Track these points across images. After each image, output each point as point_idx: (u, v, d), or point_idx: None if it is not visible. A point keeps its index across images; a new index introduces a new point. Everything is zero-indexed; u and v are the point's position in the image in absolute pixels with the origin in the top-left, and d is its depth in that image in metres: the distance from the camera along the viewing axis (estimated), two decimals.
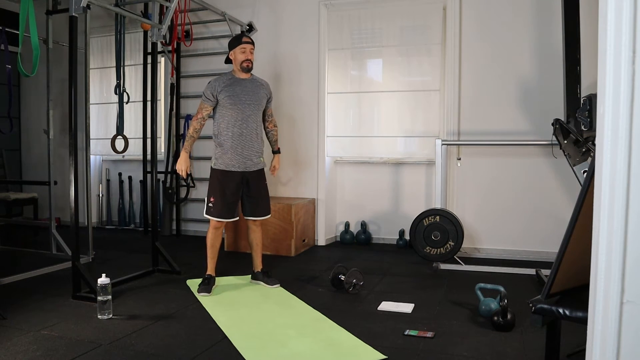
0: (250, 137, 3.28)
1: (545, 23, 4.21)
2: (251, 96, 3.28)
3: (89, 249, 4.10)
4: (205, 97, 3.27)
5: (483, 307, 2.76)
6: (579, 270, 1.63)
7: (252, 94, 3.29)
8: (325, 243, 4.93)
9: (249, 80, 3.32)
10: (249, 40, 3.29)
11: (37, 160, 5.64)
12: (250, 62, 3.27)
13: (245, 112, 3.25)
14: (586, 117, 3.46)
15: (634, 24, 1.04)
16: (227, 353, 2.32)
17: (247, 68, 3.27)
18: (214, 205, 3.26)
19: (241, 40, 3.26)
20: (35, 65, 3.36)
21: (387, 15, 4.75)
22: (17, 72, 3.65)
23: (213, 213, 3.28)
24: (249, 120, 3.27)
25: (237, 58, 3.27)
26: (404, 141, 4.81)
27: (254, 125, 3.30)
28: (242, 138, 3.25)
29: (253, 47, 3.30)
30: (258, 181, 3.36)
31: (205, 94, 3.28)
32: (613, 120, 1.08)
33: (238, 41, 3.28)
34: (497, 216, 4.44)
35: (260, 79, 3.45)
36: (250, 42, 3.29)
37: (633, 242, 1.07)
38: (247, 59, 3.25)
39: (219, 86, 3.24)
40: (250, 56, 3.27)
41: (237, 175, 3.27)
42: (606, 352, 1.10)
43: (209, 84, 3.29)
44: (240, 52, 3.25)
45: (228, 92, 3.23)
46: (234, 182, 3.27)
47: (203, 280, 3.32)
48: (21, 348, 2.34)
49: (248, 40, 3.28)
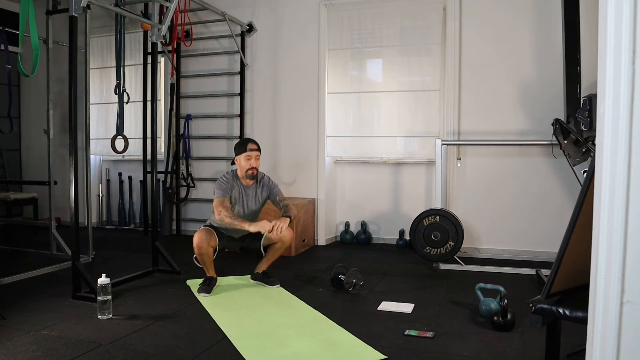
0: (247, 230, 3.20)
1: (545, 23, 4.22)
2: (254, 202, 3.36)
3: (89, 249, 4.10)
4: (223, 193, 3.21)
5: (483, 307, 2.76)
6: (579, 270, 1.63)
7: (254, 201, 3.35)
8: (325, 243, 4.93)
9: (252, 188, 3.35)
10: (255, 147, 3.25)
11: (37, 160, 5.64)
12: (255, 170, 3.25)
13: (247, 212, 3.33)
14: (586, 117, 3.46)
15: (634, 24, 1.04)
16: (227, 353, 2.32)
17: (252, 176, 3.26)
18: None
19: (246, 148, 3.22)
20: (35, 65, 3.36)
21: (387, 15, 4.75)
22: (17, 72, 3.65)
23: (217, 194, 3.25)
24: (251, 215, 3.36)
25: (241, 165, 3.25)
26: (404, 141, 4.81)
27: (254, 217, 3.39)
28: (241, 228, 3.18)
29: (259, 154, 3.28)
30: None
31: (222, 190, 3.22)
32: (613, 120, 1.08)
33: (243, 147, 3.23)
34: (497, 216, 4.44)
35: (261, 180, 3.38)
36: (256, 149, 3.26)
37: (633, 242, 1.07)
38: (252, 167, 3.23)
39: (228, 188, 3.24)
40: (255, 163, 3.24)
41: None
42: (606, 352, 1.10)
43: (220, 181, 3.25)
44: (245, 160, 3.23)
45: (234, 197, 3.28)
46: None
47: (204, 281, 3.32)
48: (21, 348, 2.34)
49: (253, 148, 3.24)
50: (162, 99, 5.42)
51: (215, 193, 3.25)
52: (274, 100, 5.07)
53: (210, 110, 5.29)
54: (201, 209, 5.37)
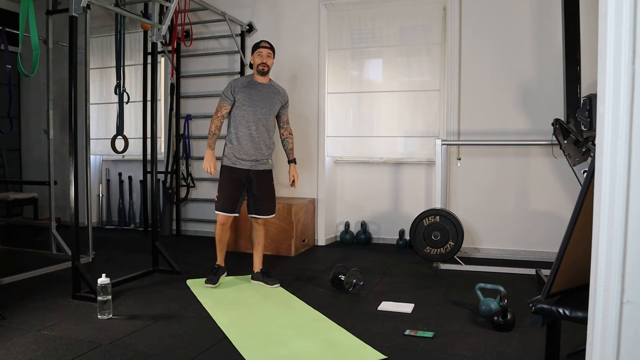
0: (259, 138, 3.38)
1: (545, 23, 4.22)
2: (265, 101, 3.38)
3: (89, 249, 4.10)
4: (224, 96, 3.38)
5: (483, 307, 2.76)
6: (579, 270, 1.63)
7: (266, 99, 3.39)
8: (325, 243, 4.93)
9: (266, 86, 3.43)
10: (267, 45, 3.40)
11: (37, 160, 5.64)
12: (265, 66, 3.36)
13: (257, 115, 3.36)
14: (586, 117, 3.46)
15: (634, 24, 1.04)
16: (227, 353, 2.32)
17: (263, 71, 3.37)
18: (218, 199, 3.39)
19: (259, 45, 3.39)
20: (35, 65, 3.36)
21: (387, 15, 4.75)
22: (17, 72, 3.65)
23: (217, 206, 3.40)
24: (260, 123, 3.37)
25: (255, 61, 3.39)
26: (404, 141, 4.81)
27: (264, 128, 3.39)
28: (251, 138, 3.36)
29: (270, 52, 3.40)
30: (264, 181, 3.44)
31: (224, 93, 3.38)
32: (613, 120, 1.07)
33: (256, 46, 3.41)
34: (497, 216, 4.44)
35: (278, 85, 3.55)
36: (268, 46, 3.40)
37: (633, 242, 1.07)
38: (262, 62, 3.35)
39: (237, 86, 3.36)
40: (267, 60, 3.37)
41: (243, 173, 3.38)
42: (606, 352, 1.10)
43: (228, 84, 3.42)
44: (257, 56, 3.37)
45: (244, 92, 3.34)
46: (238, 179, 3.37)
47: (211, 271, 3.43)
48: (21, 348, 2.34)
49: (265, 45, 3.39)
50: (162, 99, 5.42)
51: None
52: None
53: (210, 110, 5.24)
54: (201, 209, 5.37)
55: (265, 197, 3.44)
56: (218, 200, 3.39)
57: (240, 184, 3.38)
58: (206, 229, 5.33)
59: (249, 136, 3.34)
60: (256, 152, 3.37)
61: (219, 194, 3.39)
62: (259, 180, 3.41)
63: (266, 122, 3.40)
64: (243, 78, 3.47)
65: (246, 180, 3.39)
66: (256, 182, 3.40)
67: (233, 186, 3.37)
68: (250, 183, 3.40)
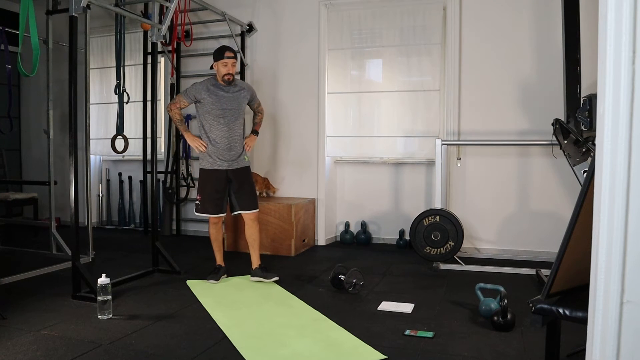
0: (232, 138, 3.46)
1: (545, 23, 4.22)
2: (233, 102, 3.46)
3: (89, 249, 4.10)
4: (187, 95, 3.48)
5: (483, 307, 2.76)
6: (579, 270, 1.63)
7: (233, 100, 3.47)
8: (325, 243, 4.93)
9: (230, 87, 3.49)
10: (231, 55, 3.42)
11: (37, 160, 5.64)
12: (231, 76, 3.42)
13: (226, 117, 3.44)
14: (586, 117, 3.46)
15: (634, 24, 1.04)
16: (227, 353, 2.32)
17: (228, 81, 3.43)
18: (201, 202, 3.49)
19: (223, 55, 3.40)
20: (35, 65, 3.36)
21: (387, 15, 4.75)
22: (17, 72, 3.65)
23: (200, 210, 3.50)
24: (231, 125, 3.46)
25: (219, 70, 3.42)
26: (404, 141, 4.81)
27: (235, 127, 3.49)
28: (225, 140, 3.44)
29: (235, 61, 3.44)
30: (243, 178, 3.52)
31: (187, 92, 3.48)
32: (613, 120, 1.08)
33: (220, 55, 3.41)
34: (497, 216, 4.44)
35: (240, 82, 3.62)
36: (233, 56, 3.42)
37: (633, 242, 1.07)
38: (228, 72, 3.41)
39: (203, 91, 3.42)
40: (232, 69, 3.43)
41: (222, 173, 3.47)
42: (606, 352, 1.10)
43: (193, 85, 3.49)
44: (222, 66, 3.40)
45: (211, 97, 3.41)
46: (218, 180, 3.46)
47: (212, 270, 3.53)
48: (21, 348, 2.34)
49: (230, 55, 3.41)
50: (162, 99, 5.42)
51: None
52: (274, 100, 5.07)
53: None
54: None
55: (247, 192, 3.52)
56: (200, 203, 3.47)
57: (221, 184, 3.47)
58: (206, 229, 5.29)
59: (222, 137, 3.43)
60: (231, 152, 3.46)
61: (201, 197, 3.48)
62: (238, 177, 3.50)
63: (237, 122, 3.49)
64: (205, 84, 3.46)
65: (226, 180, 3.48)
66: (236, 180, 3.49)
67: (214, 187, 3.46)
68: (231, 182, 3.49)
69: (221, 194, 3.48)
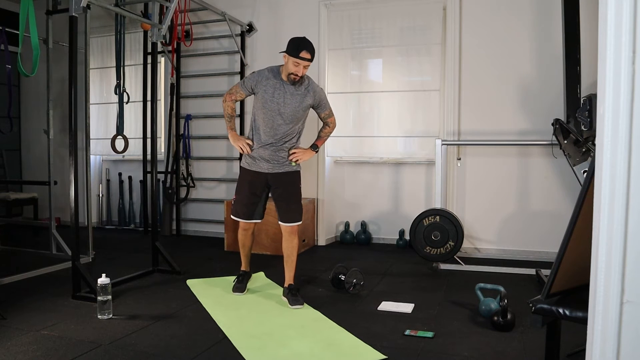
0: (280, 145, 3.08)
1: (545, 23, 4.21)
2: (291, 102, 3.02)
3: (89, 249, 4.10)
4: (244, 85, 3.10)
5: (483, 307, 2.76)
6: (579, 270, 1.63)
7: (292, 100, 3.02)
8: (325, 243, 4.93)
9: (295, 87, 3.03)
10: (308, 57, 2.92)
11: (37, 160, 5.64)
12: (297, 77, 2.94)
13: (276, 121, 3.03)
14: (586, 117, 3.47)
15: (634, 24, 1.04)
16: (227, 353, 2.32)
17: (293, 81, 2.97)
18: (235, 203, 3.23)
19: (298, 55, 2.89)
20: (35, 65, 3.36)
21: (387, 15, 4.75)
22: (17, 72, 3.65)
23: (232, 211, 3.25)
24: (283, 127, 3.04)
25: (287, 66, 2.95)
26: (404, 141, 4.81)
27: (289, 131, 3.08)
28: (271, 141, 3.07)
29: (309, 64, 2.96)
30: (285, 183, 3.12)
31: (245, 82, 3.10)
32: (613, 120, 1.08)
33: (296, 52, 2.90)
34: (497, 216, 4.44)
35: (311, 83, 3.10)
36: (309, 59, 2.93)
37: (633, 242, 1.07)
38: (296, 73, 2.93)
39: (260, 81, 3.03)
40: (303, 72, 2.95)
41: (261, 176, 3.12)
42: (606, 352, 1.10)
43: (252, 74, 3.11)
44: (292, 64, 2.92)
45: (267, 92, 3.01)
46: (255, 182, 3.13)
47: (237, 278, 3.32)
48: (21, 348, 2.34)
49: (306, 57, 2.91)
50: (162, 99, 5.42)
51: None
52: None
53: (210, 110, 5.28)
54: (201, 209, 5.37)
55: (287, 201, 3.11)
56: (235, 204, 3.21)
57: (257, 188, 3.13)
58: (206, 229, 5.34)
59: (269, 138, 3.06)
60: (274, 155, 3.08)
61: (235, 197, 3.22)
62: (280, 183, 3.11)
63: (290, 125, 3.06)
64: (266, 75, 3.04)
65: (265, 185, 3.14)
66: (276, 186, 3.12)
67: (249, 191, 3.14)
68: (271, 188, 3.15)
69: (256, 198, 3.14)
